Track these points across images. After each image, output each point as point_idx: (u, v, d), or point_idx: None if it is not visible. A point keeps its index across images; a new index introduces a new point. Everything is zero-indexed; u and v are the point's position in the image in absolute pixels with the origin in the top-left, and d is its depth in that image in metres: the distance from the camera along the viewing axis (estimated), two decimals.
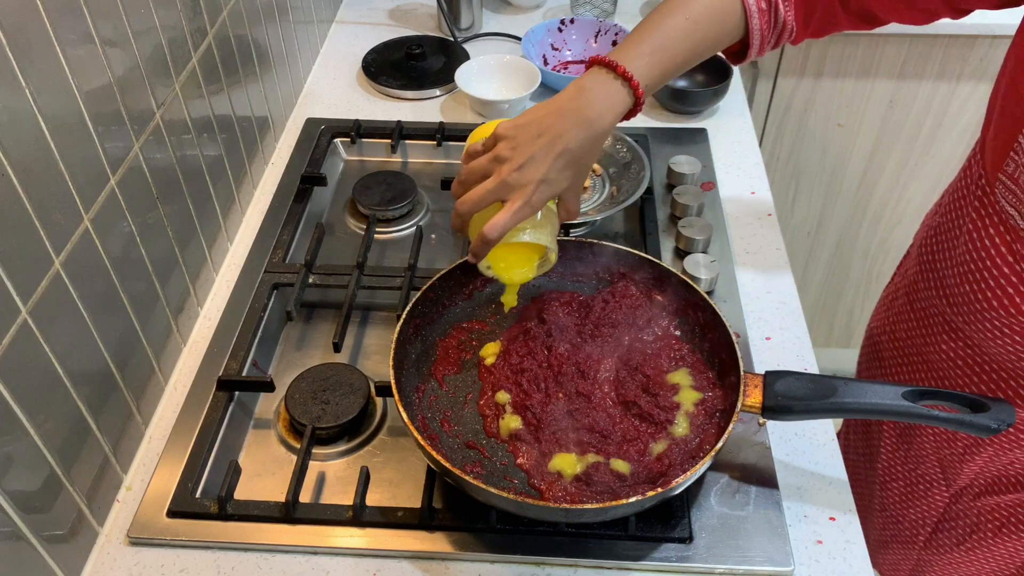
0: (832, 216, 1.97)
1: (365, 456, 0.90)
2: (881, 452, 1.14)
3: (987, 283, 0.86)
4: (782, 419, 0.81)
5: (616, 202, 1.10)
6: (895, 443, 1.12)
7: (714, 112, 1.36)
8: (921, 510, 1.12)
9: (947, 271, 0.93)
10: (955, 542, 1.10)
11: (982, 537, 1.06)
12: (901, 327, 1.08)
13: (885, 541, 1.18)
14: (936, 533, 1.12)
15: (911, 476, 1.10)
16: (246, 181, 1.18)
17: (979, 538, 1.07)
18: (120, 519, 0.84)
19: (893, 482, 1.13)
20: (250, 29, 1.16)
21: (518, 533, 0.81)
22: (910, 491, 1.11)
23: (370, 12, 1.62)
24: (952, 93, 1.71)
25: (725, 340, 0.85)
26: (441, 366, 0.92)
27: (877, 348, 1.17)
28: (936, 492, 1.07)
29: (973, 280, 0.88)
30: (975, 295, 0.88)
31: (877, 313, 1.20)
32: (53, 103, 0.72)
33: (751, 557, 0.79)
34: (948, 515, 1.08)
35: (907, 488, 1.11)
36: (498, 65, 1.38)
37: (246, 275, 1.07)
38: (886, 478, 1.14)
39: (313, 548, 0.81)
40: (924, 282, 1.00)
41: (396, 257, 1.14)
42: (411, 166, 1.29)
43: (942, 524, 1.10)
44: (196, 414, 0.90)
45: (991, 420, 0.74)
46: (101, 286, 0.81)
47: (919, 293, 1.02)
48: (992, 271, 0.85)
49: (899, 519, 1.15)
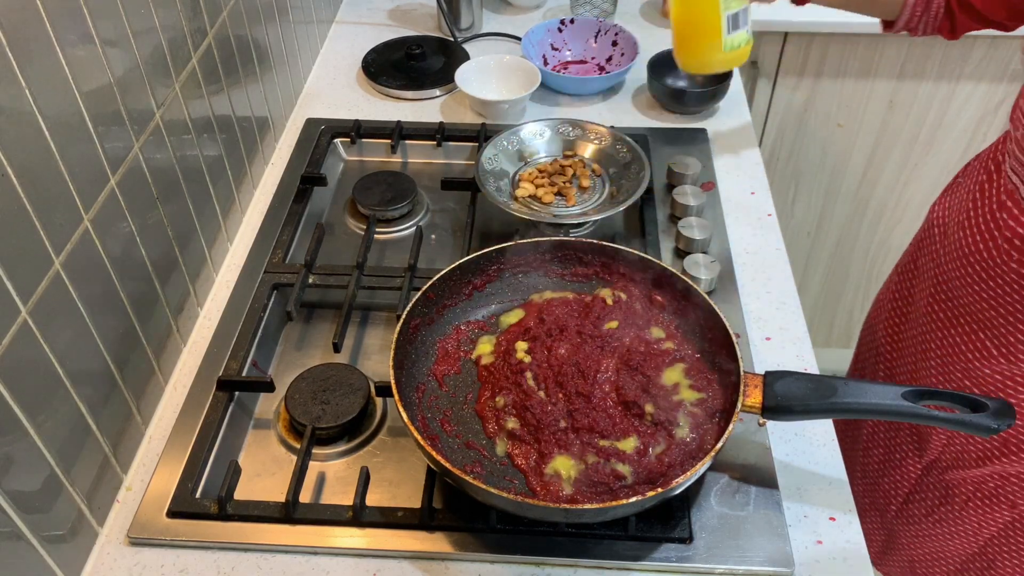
0: (832, 216, 1.97)
1: (365, 456, 0.90)
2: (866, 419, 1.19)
3: (978, 228, 0.93)
4: (782, 419, 0.81)
5: (616, 202, 1.10)
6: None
7: (714, 112, 1.36)
8: (896, 479, 1.16)
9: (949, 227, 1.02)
10: (924, 513, 1.14)
11: (950, 509, 1.10)
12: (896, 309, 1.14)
13: (862, 508, 1.23)
14: (907, 504, 1.16)
15: (891, 443, 1.14)
16: (246, 181, 1.18)
17: (947, 511, 1.10)
18: (120, 519, 0.84)
19: (874, 448, 1.17)
20: (250, 29, 1.16)
21: (518, 533, 0.81)
22: (888, 458, 1.15)
23: (370, 12, 1.62)
24: (952, 93, 1.71)
25: (725, 340, 0.85)
26: (441, 366, 0.92)
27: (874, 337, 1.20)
28: (910, 462, 1.11)
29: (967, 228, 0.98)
30: (965, 240, 0.96)
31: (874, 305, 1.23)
32: (53, 103, 0.72)
33: (751, 557, 0.79)
34: (920, 487, 1.12)
35: (886, 455, 1.15)
36: (498, 65, 1.39)
37: (246, 275, 1.07)
38: (869, 444, 1.19)
39: (313, 548, 0.81)
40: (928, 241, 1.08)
41: (396, 257, 1.14)
42: (411, 166, 1.29)
43: (913, 495, 1.14)
44: (196, 414, 0.90)
45: (991, 420, 0.74)
46: (101, 286, 0.81)
47: (917, 265, 1.10)
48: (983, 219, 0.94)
49: (875, 486, 1.19)
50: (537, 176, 1.16)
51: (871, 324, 1.26)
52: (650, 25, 1.58)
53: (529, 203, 1.13)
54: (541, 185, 1.15)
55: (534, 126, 1.21)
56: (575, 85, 1.38)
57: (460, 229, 1.17)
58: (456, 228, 1.18)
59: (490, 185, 1.13)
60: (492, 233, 1.15)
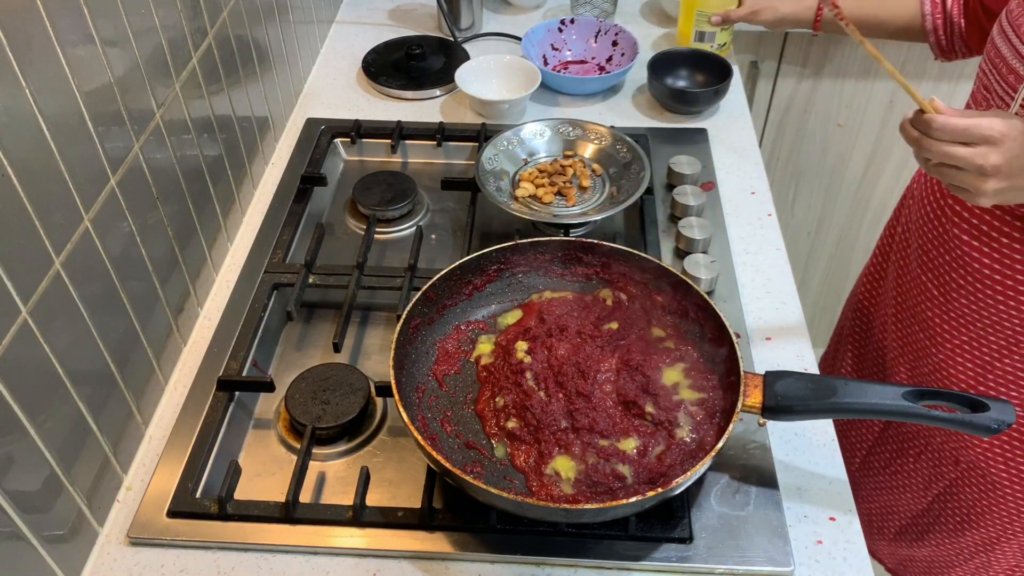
0: (832, 216, 1.97)
1: (365, 456, 0.90)
2: (842, 368, 1.24)
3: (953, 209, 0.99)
4: (782, 419, 0.81)
5: (616, 202, 1.10)
6: (854, 356, 1.23)
7: (714, 112, 1.36)
8: (862, 431, 1.21)
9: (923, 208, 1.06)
10: (882, 465, 1.18)
11: (904, 463, 1.14)
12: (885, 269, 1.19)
13: None
14: (869, 456, 1.20)
15: None
16: (246, 181, 1.18)
17: (901, 463, 1.15)
18: (120, 519, 0.84)
19: None
20: (250, 29, 1.16)
21: (518, 533, 0.81)
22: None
23: (370, 12, 1.62)
24: (952, 93, 1.71)
25: (725, 340, 0.85)
26: (441, 366, 0.92)
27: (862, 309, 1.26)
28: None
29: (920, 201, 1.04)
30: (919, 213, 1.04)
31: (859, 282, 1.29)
32: (53, 103, 0.72)
33: (751, 557, 0.79)
34: (881, 439, 1.17)
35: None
36: (498, 65, 1.39)
37: (246, 275, 1.07)
38: None
39: (313, 548, 0.81)
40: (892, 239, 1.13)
41: (396, 257, 1.14)
42: (411, 166, 1.29)
43: (875, 447, 1.19)
44: (196, 414, 0.90)
45: (991, 420, 0.74)
46: (101, 286, 0.81)
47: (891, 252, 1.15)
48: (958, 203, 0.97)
49: (844, 436, 1.22)
50: (537, 176, 1.16)
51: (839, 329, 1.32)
52: (650, 25, 1.58)
53: (529, 203, 1.13)
54: (541, 185, 1.15)
55: (534, 126, 1.21)
56: (575, 85, 1.38)
57: (460, 229, 1.17)
58: (456, 228, 1.18)
59: (490, 185, 1.13)
60: (492, 233, 1.15)
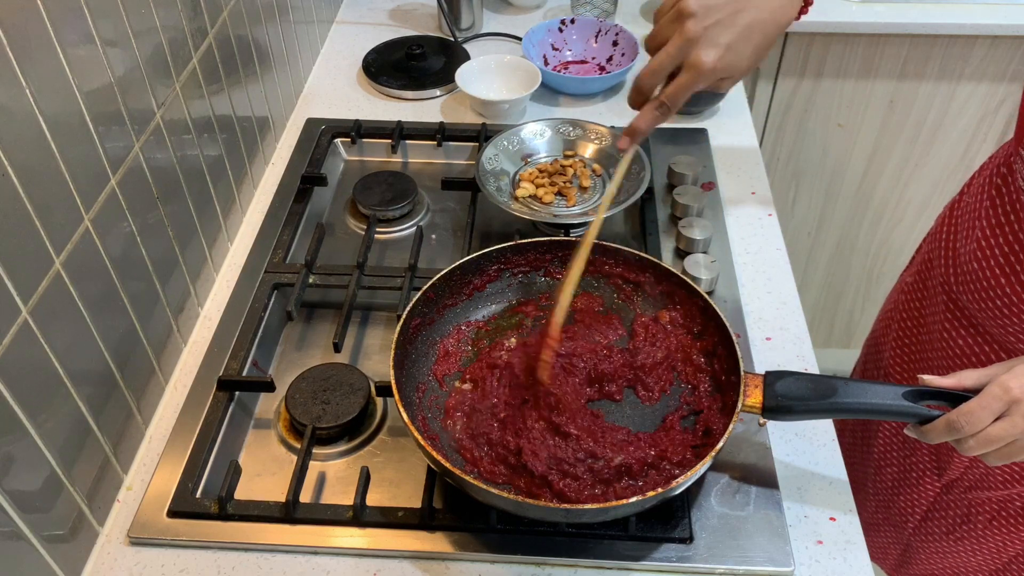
0: (832, 216, 1.97)
1: (365, 456, 0.90)
2: (878, 436, 1.15)
3: (996, 260, 0.88)
4: (782, 419, 0.81)
5: (616, 202, 1.10)
6: (892, 428, 1.13)
7: (714, 112, 1.36)
8: (912, 497, 1.12)
9: (960, 249, 0.95)
10: (945, 531, 1.11)
11: (972, 528, 1.07)
12: (907, 316, 1.09)
13: (876, 523, 1.20)
14: (926, 520, 1.13)
15: (905, 463, 1.11)
16: (246, 181, 1.18)
17: (969, 528, 1.08)
18: (120, 519, 0.84)
19: (887, 467, 1.14)
20: (250, 29, 1.16)
21: (518, 533, 0.81)
22: (903, 478, 1.12)
23: (370, 12, 1.62)
24: (952, 93, 1.71)
25: (725, 340, 0.85)
26: (441, 366, 0.92)
27: (878, 348, 1.17)
28: (928, 481, 1.08)
29: (983, 257, 0.89)
30: (982, 272, 0.90)
31: (880, 315, 1.20)
32: (53, 103, 0.72)
33: (751, 557, 0.79)
34: (939, 504, 1.09)
35: (900, 475, 1.12)
36: (498, 65, 1.39)
37: (246, 275, 1.07)
38: (881, 463, 1.15)
39: (313, 548, 0.81)
40: (937, 261, 1.01)
41: (396, 257, 1.14)
42: (411, 166, 1.29)
43: (932, 512, 1.11)
44: (196, 414, 0.90)
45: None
46: (101, 286, 0.81)
47: (930, 273, 1.03)
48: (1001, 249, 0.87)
49: (890, 504, 1.16)
50: (537, 176, 1.16)
51: (876, 342, 1.22)
52: (650, 25, 1.57)
53: (529, 203, 1.13)
54: (541, 185, 1.15)
55: (534, 126, 1.21)
56: (575, 85, 1.38)
57: (460, 229, 1.17)
58: (456, 228, 1.18)
59: (490, 185, 1.13)
60: (492, 233, 1.15)
